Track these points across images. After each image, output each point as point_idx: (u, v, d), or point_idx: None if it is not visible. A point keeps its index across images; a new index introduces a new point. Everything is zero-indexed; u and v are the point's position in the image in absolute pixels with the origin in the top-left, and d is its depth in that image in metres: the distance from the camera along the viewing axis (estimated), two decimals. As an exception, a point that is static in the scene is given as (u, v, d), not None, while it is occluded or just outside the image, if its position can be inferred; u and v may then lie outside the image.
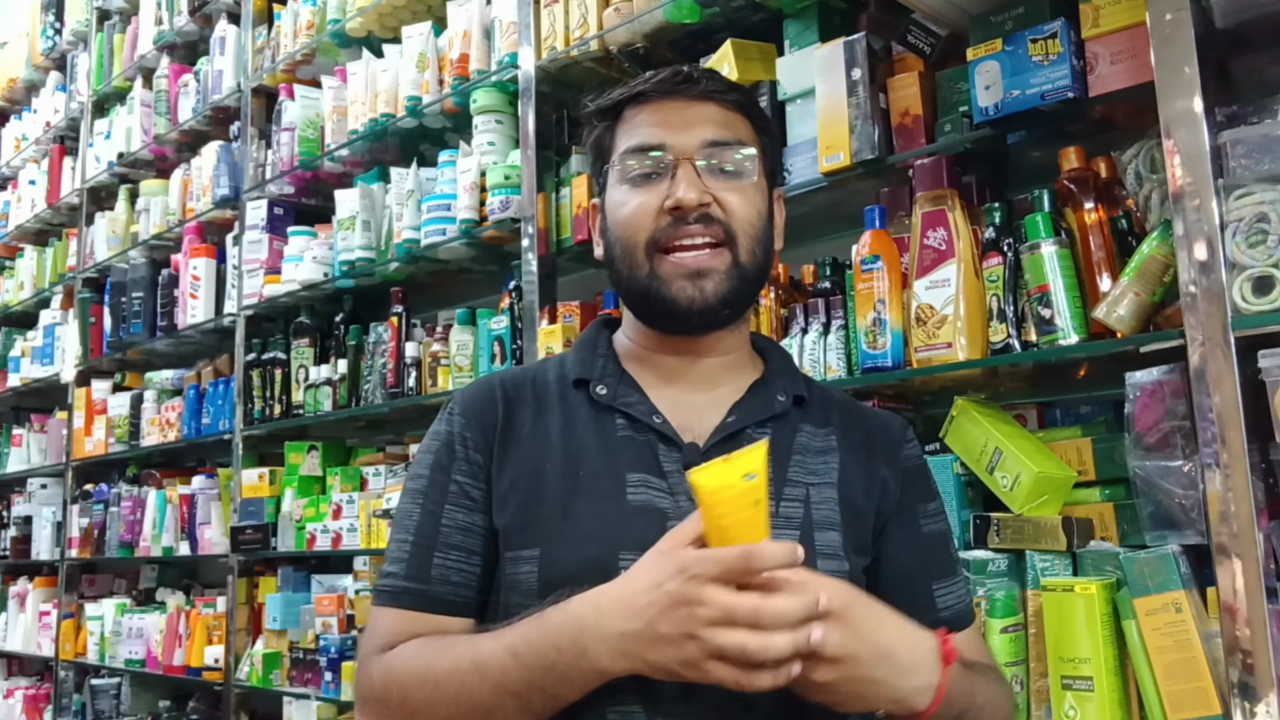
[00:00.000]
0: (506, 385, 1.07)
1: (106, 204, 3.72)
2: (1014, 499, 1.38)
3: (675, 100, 1.04)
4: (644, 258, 1.00)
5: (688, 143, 1.01)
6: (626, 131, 1.05)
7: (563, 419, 1.03)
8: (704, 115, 1.03)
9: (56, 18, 4.16)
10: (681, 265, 0.99)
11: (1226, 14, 1.30)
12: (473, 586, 0.99)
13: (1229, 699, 1.14)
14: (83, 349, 3.63)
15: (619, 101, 1.07)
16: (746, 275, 1.02)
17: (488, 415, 1.04)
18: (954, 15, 1.53)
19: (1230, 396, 1.15)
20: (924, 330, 1.48)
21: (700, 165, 1.00)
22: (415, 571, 0.99)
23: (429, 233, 2.27)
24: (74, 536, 3.55)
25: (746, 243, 1.01)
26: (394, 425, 2.68)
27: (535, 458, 1.00)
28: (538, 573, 0.95)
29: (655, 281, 1.00)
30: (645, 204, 1.01)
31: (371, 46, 2.58)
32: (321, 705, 2.43)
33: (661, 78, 1.05)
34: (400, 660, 0.95)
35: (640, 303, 1.04)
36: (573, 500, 0.96)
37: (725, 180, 1.01)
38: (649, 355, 1.07)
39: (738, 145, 1.02)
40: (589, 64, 2.05)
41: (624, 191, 1.03)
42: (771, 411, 1.03)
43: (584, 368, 1.06)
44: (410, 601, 0.98)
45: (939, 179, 1.51)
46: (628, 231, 1.02)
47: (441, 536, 1.00)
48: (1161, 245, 1.29)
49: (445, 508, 1.01)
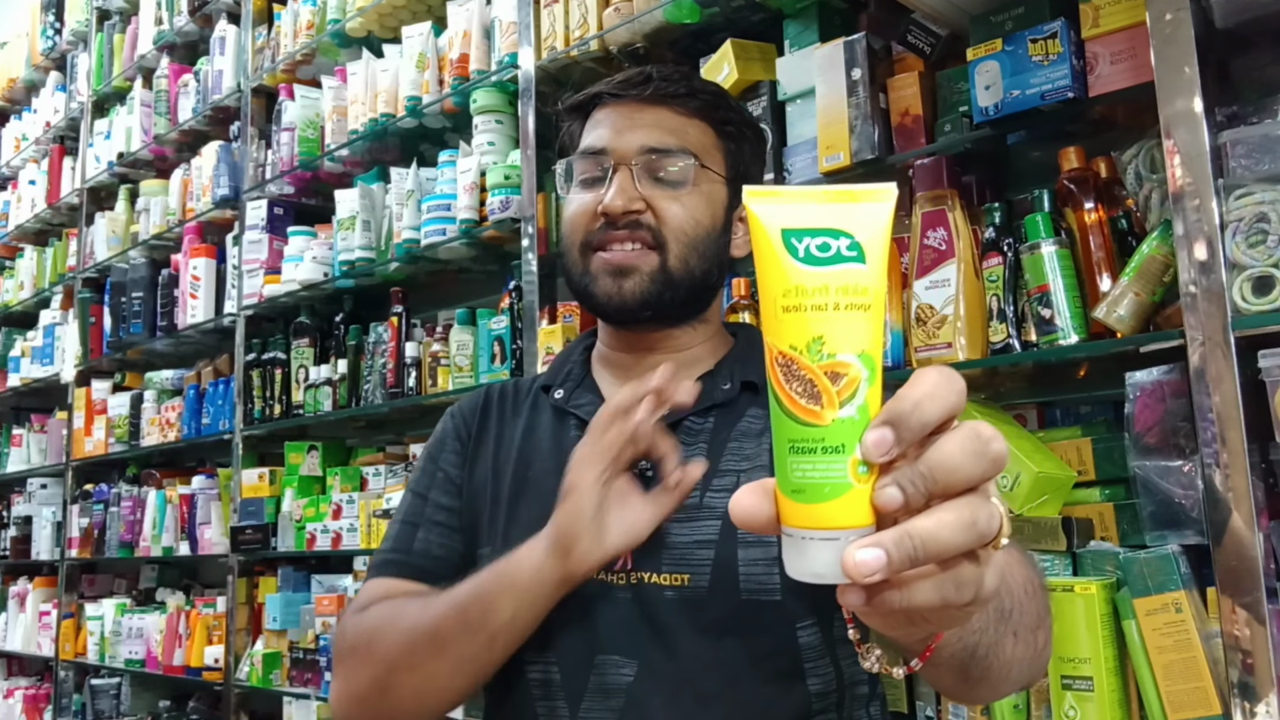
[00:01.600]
0: (493, 392, 1.14)
1: (106, 204, 3.72)
2: (1014, 499, 1.38)
3: (628, 104, 1.06)
4: (579, 256, 1.04)
5: (626, 147, 1.03)
6: (586, 133, 1.08)
7: (527, 423, 1.08)
8: (651, 119, 1.04)
9: (56, 18, 4.16)
10: (606, 262, 1.02)
11: (1226, 14, 1.30)
12: (454, 563, 1.03)
13: (1229, 699, 1.14)
14: (83, 349, 3.63)
15: (584, 101, 1.10)
16: (674, 281, 1.02)
17: (468, 420, 1.11)
18: (954, 15, 1.53)
19: (1230, 396, 1.15)
20: (924, 330, 1.48)
21: (640, 170, 1.02)
22: (400, 545, 1.05)
23: (429, 233, 2.27)
24: (74, 536, 3.55)
25: (678, 249, 1.02)
26: (394, 425, 2.69)
27: (496, 460, 1.06)
28: None
29: (586, 278, 1.04)
30: (583, 205, 1.04)
31: (371, 46, 2.58)
32: (321, 705, 2.43)
33: (621, 79, 1.07)
34: (374, 613, 0.98)
35: (580, 299, 1.07)
36: (517, 502, 1.01)
37: (663, 187, 1.02)
38: (609, 354, 1.11)
39: (678, 154, 1.03)
40: (589, 64, 2.05)
41: (573, 192, 1.07)
42: (712, 400, 1.02)
43: (551, 374, 1.11)
44: (392, 570, 1.03)
45: (939, 179, 1.51)
46: (568, 230, 1.06)
47: (427, 514, 1.06)
48: (1161, 245, 1.29)
49: (432, 491, 1.07)
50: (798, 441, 0.48)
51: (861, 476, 0.47)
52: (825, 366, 0.47)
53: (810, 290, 0.48)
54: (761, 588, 0.93)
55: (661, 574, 0.94)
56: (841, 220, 0.48)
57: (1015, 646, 0.73)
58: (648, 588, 0.94)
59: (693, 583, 0.94)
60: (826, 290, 0.48)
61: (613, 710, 0.91)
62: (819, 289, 0.48)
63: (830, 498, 0.47)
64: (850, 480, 0.47)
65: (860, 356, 0.47)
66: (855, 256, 0.48)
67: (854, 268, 0.48)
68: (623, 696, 0.91)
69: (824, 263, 0.48)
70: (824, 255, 0.48)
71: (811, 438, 0.47)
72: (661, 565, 0.95)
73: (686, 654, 0.92)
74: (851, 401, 0.47)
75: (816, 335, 0.47)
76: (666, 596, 0.94)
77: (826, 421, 0.47)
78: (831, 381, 0.47)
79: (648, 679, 0.92)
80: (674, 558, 0.95)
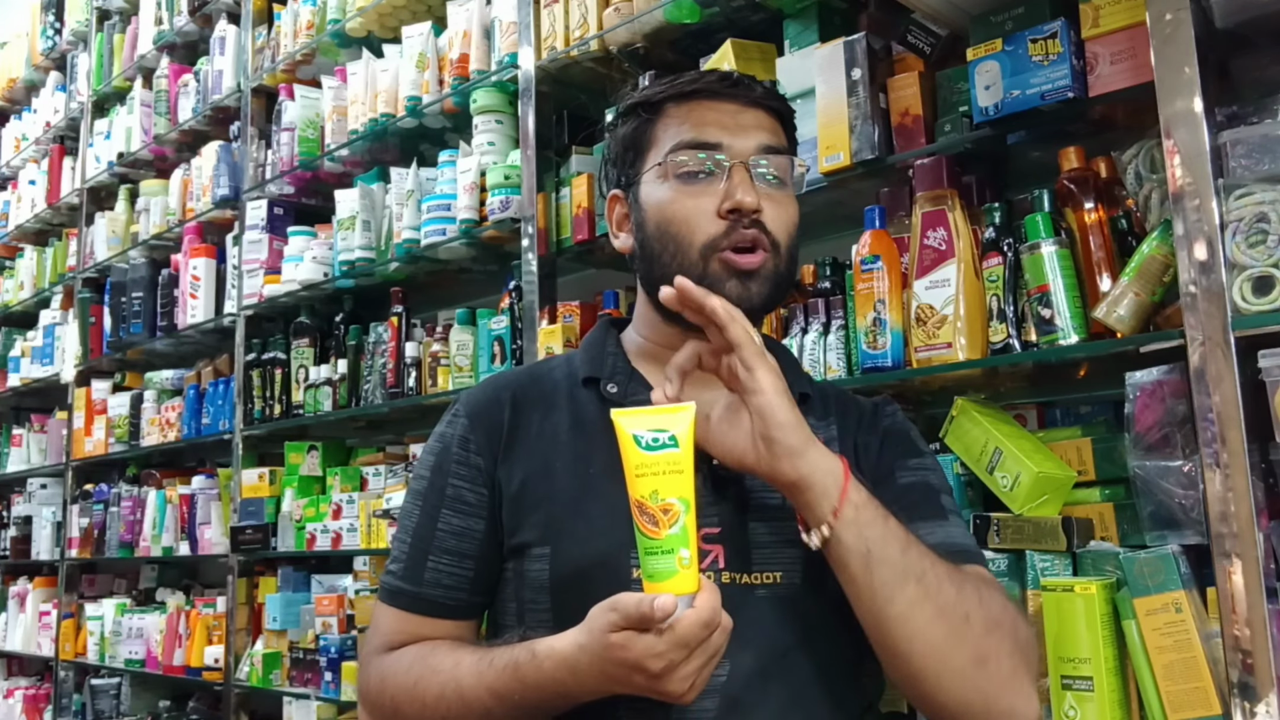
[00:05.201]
0: (513, 386, 1.08)
1: (106, 204, 3.72)
2: (1014, 499, 1.38)
3: (728, 102, 1.03)
4: (698, 258, 1.00)
5: (744, 146, 1.01)
6: (674, 127, 1.03)
7: (571, 417, 1.04)
8: (756, 120, 1.03)
9: (56, 18, 4.16)
10: (734, 265, 0.99)
11: (1226, 14, 1.30)
12: (465, 590, 1.02)
13: (1229, 699, 1.14)
14: (83, 349, 3.63)
15: (665, 96, 1.05)
16: (782, 282, 1.03)
17: (494, 418, 1.05)
18: (954, 15, 1.53)
19: (1230, 396, 1.15)
20: (924, 330, 1.48)
21: (754, 171, 1.01)
22: (410, 573, 1.03)
23: (429, 233, 2.27)
24: (74, 536, 3.55)
25: (786, 252, 1.02)
26: (394, 425, 2.68)
27: (545, 457, 1.02)
28: (549, 570, 0.97)
29: (705, 281, 0.98)
30: (700, 205, 1.00)
31: (371, 46, 2.58)
32: (321, 705, 2.43)
33: (713, 78, 1.04)
34: (395, 671, 0.99)
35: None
36: (583, 498, 0.97)
37: (770, 188, 1.02)
38: (664, 353, 1.06)
39: (786, 154, 1.03)
40: (589, 64, 2.05)
41: (670, 188, 1.02)
42: None
43: (594, 366, 1.06)
44: (405, 603, 1.02)
45: (939, 179, 1.51)
46: (682, 230, 1.01)
47: (436, 540, 1.02)
48: (1161, 245, 1.29)
49: (441, 511, 1.03)
50: (648, 549, 0.82)
51: (684, 566, 0.82)
52: (660, 506, 0.83)
53: (650, 464, 0.83)
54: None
55: (753, 573, 0.95)
56: (665, 424, 0.85)
57: (922, 605, 0.87)
58: (739, 588, 0.94)
59: (785, 580, 0.95)
60: (658, 464, 0.83)
61: (707, 711, 0.91)
62: (654, 462, 0.83)
63: (667, 578, 0.82)
64: (677, 569, 0.82)
65: (679, 499, 0.83)
66: (673, 444, 0.84)
67: (673, 451, 0.84)
68: (718, 696, 0.91)
69: (657, 449, 0.84)
70: (656, 444, 0.84)
71: (655, 546, 0.82)
72: (752, 565, 0.95)
73: (779, 651, 0.93)
74: (676, 524, 0.82)
75: (654, 489, 0.83)
76: (759, 595, 0.94)
77: (662, 537, 0.82)
78: (664, 514, 0.82)
79: (742, 678, 0.92)
80: (764, 557, 0.96)
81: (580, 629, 0.86)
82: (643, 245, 1.05)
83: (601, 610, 0.84)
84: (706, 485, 0.97)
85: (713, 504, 0.97)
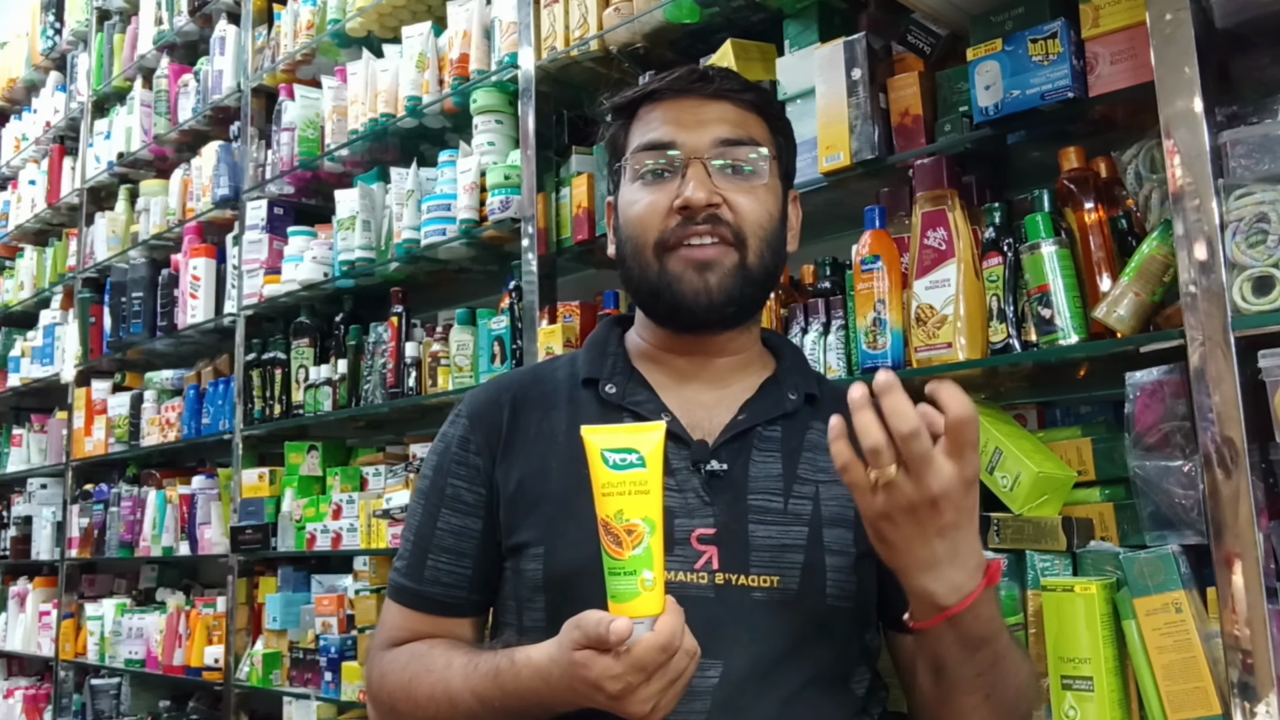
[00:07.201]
0: (514, 387, 1.09)
1: (106, 204, 3.72)
2: (1014, 499, 1.38)
3: (689, 99, 1.03)
4: (652, 257, 1.00)
5: (699, 141, 1.00)
6: (640, 129, 1.04)
7: (570, 418, 1.04)
8: (717, 114, 1.02)
9: (56, 18, 4.16)
10: (688, 258, 0.99)
11: (1226, 14, 1.30)
12: (464, 588, 1.03)
13: (1229, 699, 1.14)
14: (83, 349, 3.63)
15: (634, 99, 1.06)
16: (752, 277, 1.01)
17: (493, 418, 1.06)
18: (954, 15, 1.53)
19: (1230, 396, 1.15)
20: (924, 330, 1.48)
21: (712, 165, 1.00)
22: (412, 571, 1.04)
23: (429, 233, 2.27)
24: (74, 536, 3.55)
25: (755, 244, 1.01)
26: (394, 425, 2.69)
27: (541, 456, 1.02)
28: (543, 569, 0.98)
29: (664, 278, 0.99)
30: (655, 203, 1.00)
31: (371, 46, 2.58)
32: (321, 705, 2.43)
33: (676, 76, 1.04)
34: (393, 668, 1.01)
35: (650, 301, 1.04)
36: (576, 497, 0.97)
37: (736, 180, 1.01)
38: (661, 355, 1.07)
39: (750, 144, 1.02)
40: (589, 64, 2.05)
41: (635, 189, 1.03)
42: (782, 410, 1.03)
43: (593, 367, 1.07)
44: (407, 599, 1.05)
45: (939, 179, 1.50)
46: (637, 230, 1.01)
47: (435, 539, 1.03)
48: (1161, 245, 1.29)
49: (441, 510, 1.04)
50: (611, 568, 0.82)
51: (647, 589, 0.81)
52: (625, 526, 0.81)
53: (616, 483, 0.82)
54: (842, 593, 0.96)
55: (750, 575, 0.95)
56: (633, 443, 0.83)
57: (984, 705, 0.91)
58: (734, 589, 0.94)
59: (782, 584, 0.95)
60: (625, 483, 0.82)
61: (698, 713, 0.91)
62: (620, 482, 0.82)
63: (629, 599, 0.81)
64: (640, 591, 0.81)
65: (644, 520, 0.81)
66: (639, 464, 0.82)
67: (639, 470, 0.82)
68: (708, 699, 0.91)
69: (624, 468, 0.82)
70: (623, 463, 0.82)
71: (618, 567, 0.81)
72: (750, 567, 0.95)
73: (773, 656, 0.93)
74: (640, 545, 0.81)
75: (619, 509, 0.82)
76: (754, 598, 0.94)
77: (625, 558, 0.81)
78: (628, 534, 0.81)
79: (734, 682, 0.92)
80: (763, 560, 0.95)
81: (554, 641, 0.86)
82: (619, 248, 1.07)
83: (570, 626, 0.84)
84: (703, 486, 0.97)
85: (708, 505, 0.97)
